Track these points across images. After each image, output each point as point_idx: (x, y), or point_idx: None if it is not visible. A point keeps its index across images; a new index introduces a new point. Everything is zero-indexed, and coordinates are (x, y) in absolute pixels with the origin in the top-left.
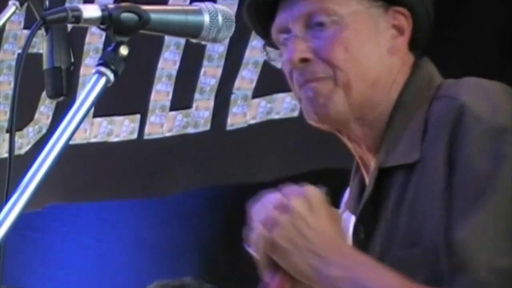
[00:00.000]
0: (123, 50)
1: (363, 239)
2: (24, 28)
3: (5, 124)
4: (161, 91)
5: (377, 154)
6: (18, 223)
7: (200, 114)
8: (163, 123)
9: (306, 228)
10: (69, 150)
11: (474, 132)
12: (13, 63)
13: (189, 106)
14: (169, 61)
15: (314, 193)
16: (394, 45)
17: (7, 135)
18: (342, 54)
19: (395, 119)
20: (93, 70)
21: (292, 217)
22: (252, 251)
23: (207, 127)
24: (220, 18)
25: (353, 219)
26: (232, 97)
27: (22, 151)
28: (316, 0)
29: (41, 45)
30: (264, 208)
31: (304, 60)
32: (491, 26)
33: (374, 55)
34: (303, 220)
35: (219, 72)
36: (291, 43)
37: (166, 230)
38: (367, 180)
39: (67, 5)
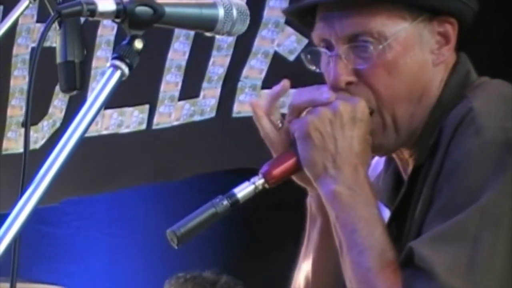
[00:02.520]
0: (138, 44)
1: (396, 236)
2: (37, 21)
3: (21, 119)
4: (171, 82)
5: (414, 149)
6: (32, 217)
7: (206, 102)
8: (171, 112)
9: (340, 134)
10: (81, 143)
11: (466, 143)
12: (27, 57)
13: (196, 95)
14: (178, 52)
15: (364, 109)
16: (439, 55)
17: (23, 130)
18: (385, 79)
19: (431, 119)
20: (106, 63)
21: (334, 116)
22: (281, 126)
23: (213, 114)
24: (234, 11)
25: (387, 212)
26: (239, 84)
27: (37, 146)
28: (361, 21)
29: (54, 38)
30: (313, 91)
31: (349, 83)
32: (491, 36)
33: (418, 73)
34: (342, 125)
35: (227, 61)
36: (335, 64)
37: None
38: (404, 176)
39: None
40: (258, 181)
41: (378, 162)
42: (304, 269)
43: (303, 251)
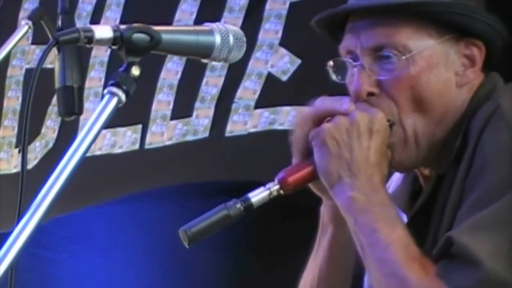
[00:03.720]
0: (135, 71)
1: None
2: (32, 43)
3: (13, 140)
4: (163, 101)
5: (434, 163)
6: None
7: (199, 122)
8: (163, 132)
9: (356, 143)
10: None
11: (498, 137)
12: (21, 78)
13: (189, 115)
14: (171, 71)
15: (382, 120)
16: (463, 77)
17: (15, 151)
18: (408, 92)
19: (455, 132)
20: (99, 83)
21: (351, 126)
22: (294, 134)
23: (206, 134)
24: (231, 38)
25: (404, 218)
26: (234, 106)
27: (30, 166)
28: (386, 33)
29: (48, 59)
30: (334, 101)
31: (370, 94)
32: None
33: (441, 91)
34: (358, 135)
35: (220, 81)
36: (358, 74)
37: (177, 249)
38: (423, 184)
39: (79, 26)
40: (273, 187)
41: (398, 178)
42: (310, 275)
43: (312, 258)
